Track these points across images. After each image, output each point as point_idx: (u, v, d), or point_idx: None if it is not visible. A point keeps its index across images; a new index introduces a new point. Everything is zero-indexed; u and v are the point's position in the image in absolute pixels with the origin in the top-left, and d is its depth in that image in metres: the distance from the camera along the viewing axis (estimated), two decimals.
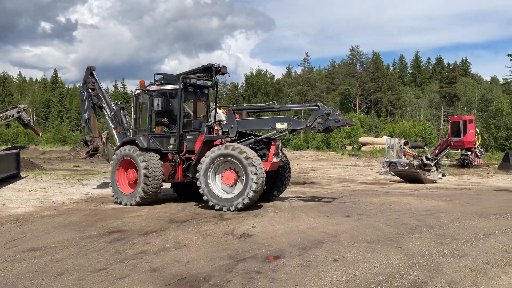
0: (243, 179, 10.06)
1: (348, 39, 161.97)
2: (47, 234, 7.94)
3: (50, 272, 5.69)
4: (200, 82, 11.89)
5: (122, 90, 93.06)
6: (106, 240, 7.47)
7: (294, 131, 12.06)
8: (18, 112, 32.35)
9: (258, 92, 76.98)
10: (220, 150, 10.23)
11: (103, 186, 15.53)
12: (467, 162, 25.62)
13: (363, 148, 50.55)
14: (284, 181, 12.03)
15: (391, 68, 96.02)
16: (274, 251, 6.67)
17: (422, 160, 21.79)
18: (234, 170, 10.31)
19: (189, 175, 11.11)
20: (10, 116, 32.36)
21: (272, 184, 11.81)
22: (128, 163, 11.49)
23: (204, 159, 10.36)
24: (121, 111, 13.81)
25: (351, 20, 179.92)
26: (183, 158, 11.30)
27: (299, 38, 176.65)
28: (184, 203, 11.66)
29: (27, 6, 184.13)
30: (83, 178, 18.16)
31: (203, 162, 10.34)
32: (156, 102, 11.27)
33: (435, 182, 18.56)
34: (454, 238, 7.46)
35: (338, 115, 10.49)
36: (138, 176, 11.09)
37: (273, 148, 10.98)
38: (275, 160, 11.06)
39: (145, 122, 11.95)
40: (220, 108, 13.39)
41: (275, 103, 11.98)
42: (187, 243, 7.17)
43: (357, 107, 77.70)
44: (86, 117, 14.47)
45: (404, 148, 23.23)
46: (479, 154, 25.51)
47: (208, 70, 11.85)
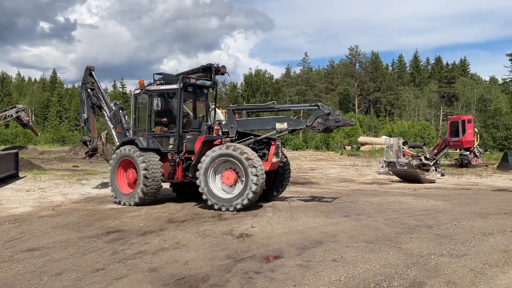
0: (243, 180, 10.04)
1: (347, 39, 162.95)
2: (46, 234, 7.93)
3: (48, 272, 5.68)
4: (200, 82, 11.88)
5: (121, 90, 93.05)
6: (104, 240, 7.46)
7: (293, 131, 12.05)
8: (17, 112, 32.24)
9: (257, 92, 76.96)
10: (221, 149, 10.21)
11: (101, 186, 15.51)
12: (466, 162, 25.65)
13: (362, 148, 50.61)
14: (284, 181, 12.01)
15: (390, 68, 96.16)
16: (272, 251, 6.67)
17: (421, 160, 21.80)
18: (235, 170, 10.30)
19: (188, 175, 11.09)
20: (9, 116, 32.26)
21: (272, 184, 11.80)
22: (128, 163, 11.48)
23: (204, 158, 10.35)
24: (120, 111, 13.79)
25: (350, 20, 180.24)
26: (182, 158, 11.29)
27: (298, 38, 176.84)
28: (183, 203, 11.66)
29: (26, 6, 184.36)
30: (82, 178, 18.14)
31: (204, 161, 10.33)
32: (156, 102, 11.26)
33: (434, 182, 18.57)
34: (452, 238, 7.46)
35: (338, 115, 10.49)
36: (137, 176, 11.07)
37: (273, 148, 10.97)
38: (275, 160, 11.05)
39: (144, 122, 11.94)
40: (219, 108, 13.37)
41: (275, 103, 11.96)
42: (186, 243, 7.16)
43: (356, 107, 77.76)
44: (85, 117, 14.45)
45: (403, 148, 23.25)
46: (478, 154, 25.54)
47: (208, 70, 11.84)
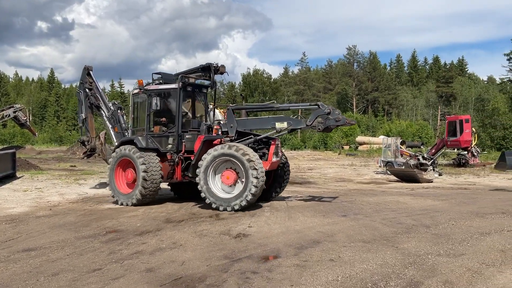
0: (243, 181, 10.02)
1: (345, 39, 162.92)
2: (42, 234, 7.90)
3: (44, 272, 5.66)
4: (198, 82, 11.85)
5: (119, 89, 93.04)
6: (101, 240, 7.44)
7: (293, 131, 12.02)
8: (15, 111, 32.22)
9: (255, 91, 76.92)
10: (223, 149, 10.16)
11: (99, 186, 15.49)
12: (463, 161, 25.70)
13: (360, 147, 50.70)
14: (283, 181, 11.98)
15: (388, 68, 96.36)
16: (270, 251, 6.66)
17: (419, 159, 21.81)
18: (235, 170, 10.26)
19: (188, 174, 11.05)
20: (6, 116, 32.22)
21: (271, 184, 11.75)
22: (127, 163, 11.43)
23: (206, 156, 10.29)
24: (118, 111, 13.76)
25: (348, 20, 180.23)
26: (181, 158, 11.25)
27: (296, 38, 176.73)
28: (181, 203, 11.64)
29: (24, 5, 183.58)
30: (79, 178, 18.11)
31: (205, 160, 10.27)
32: (155, 102, 11.19)
33: (432, 182, 18.59)
34: (450, 237, 7.47)
35: (338, 114, 10.48)
36: (136, 177, 11.03)
37: (272, 147, 10.94)
38: (275, 159, 11.03)
39: (143, 121, 11.89)
40: (217, 107, 13.34)
41: (275, 102, 11.92)
42: (183, 243, 7.15)
43: (354, 107, 77.88)
44: (83, 117, 14.41)
45: (400, 148, 23.27)
46: (476, 154, 25.59)
47: (207, 70, 11.82)
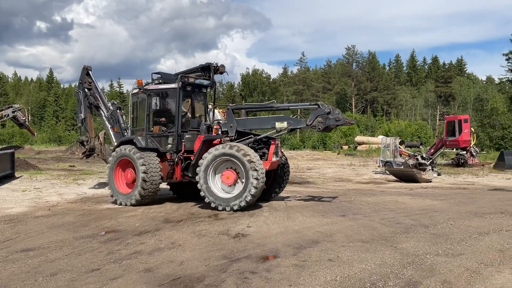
0: (243, 181, 10.00)
1: (344, 39, 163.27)
2: (41, 235, 7.89)
3: (43, 272, 5.65)
4: (198, 81, 11.83)
5: (118, 89, 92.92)
6: (100, 240, 7.43)
7: (293, 130, 12.00)
8: (13, 111, 32.11)
9: (254, 91, 76.86)
10: (224, 149, 10.12)
11: (98, 186, 15.48)
12: (462, 161, 25.71)
13: (359, 147, 50.72)
14: (283, 181, 11.96)
15: (387, 68, 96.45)
16: (268, 251, 6.66)
17: (418, 159, 21.83)
18: (235, 170, 10.24)
19: (188, 174, 11.02)
20: (5, 115, 32.10)
21: (271, 184, 11.72)
22: (126, 163, 11.40)
23: (207, 155, 10.26)
24: (118, 111, 13.73)
25: (347, 20, 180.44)
26: (181, 157, 11.23)
27: (295, 38, 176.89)
28: (179, 203, 11.63)
29: (23, 5, 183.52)
30: (78, 178, 18.10)
31: (205, 158, 10.24)
32: (154, 101, 11.15)
33: (431, 182, 18.61)
34: (448, 237, 7.47)
35: (338, 113, 10.47)
36: (136, 177, 11.00)
37: (272, 147, 10.92)
38: (275, 159, 11.02)
39: (142, 121, 11.86)
40: (216, 107, 13.33)
41: (275, 102, 11.89)
42: (182, 243, 7.14)
43: (353, 107, 77.94)
44: (82, 117, 14.38)
45: (399, 148, 23.28)
46: (474, 154, 25.58)
47: (207, 69, 11.81)
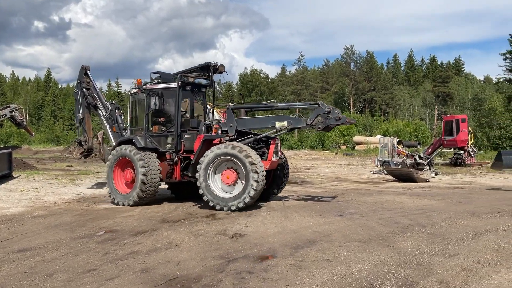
0: (243, 182, 9.99)
1: (342, 39, 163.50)
2: (38, 235, 7.87)
3: (39, 273, 5.64)
4: (197, 81, 11.81)
5: (116, 89, 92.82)
6: (97, 240, 7.41)
7: (293, 130, 11.99)
8: (11, 111, 32.04)
9: (252, 91, 76.93)
10: (226, 148, 10.08)
11: (95, 186, 15.46)
12: (460, 161, 25.73)
13: (357, 147, 50.72)
14: (282, 183, 11.94)
15: (385, 68, 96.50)
16: (266, 251, 6.65)
17: (415, 159, 21.85)
18: (236, 170, 10.23)
19: (187, 174, 10.98)
20: (2, 115, 32.02)
21: (270, 184, 11.68)
22: (125, 163, 11.35)
23: (208, 153, 10.23)
24: (116, 110, 13.69)
25: (346, 20, 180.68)
26: (181, 157, 11.20)
27: (294, 38, 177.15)
28: (177, 203, 11.61)
29: (21, 5, 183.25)
30: (75, 178, 18.06)
31: (206, 157, 10.21)
32: (154, 101, 11.11)
33: (428, 181, 18.63)
34: (445, 237, 7.47)
35: (338, 113, 10.47)
36: (135, 177, 10.95)
37: (272, 147, 10.89)
38: (275, 159, 11.00)
39: (141, 121, 11.82)
40: (214, 107, 13.30)
41: (275, 101, 11.86)
42: (179, 243, 7.13)
43: (351, 107, 77.99)
44: (81, 117, 14.31)
45: (397, 147, 23.30)
46: (472, 153, 25.60)
47: (206, 69, 11.78)
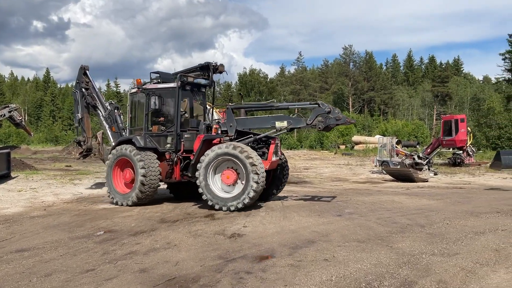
0: (243, 183, 9.97)
1: (341, 39, 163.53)
2: (36, 235, 7.86)
3: (37, 273, 5.63)
4: (197, 81, 11.80)
5: (115, 89, 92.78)
6: (95, 240, 7.40)
7: (293, 130, 11.97)
8: (10, 111, 31.98)
9: (251, 91, 76.90)
10: (227, 148, 10.05)
11: (94, 186, 15.44)
12: (458, 161, 25.75)
13: (356, 147, 50.72)
14: (281, 184, 11.93)
15: (384, 68, 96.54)
16: (264, 251, 6.65)
17: (414, 159, 21.85)
18: (236, 170, 10.21)
19: (187, 174, 10.96)
20: (1, 115, 31.94)
21: (270, 184, 11.65)
22: (125, 163, 11.31)
23: (209, 152, 10.20)
24: (115, 110, 13.66)
25: (345, 20, 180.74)
26: (180, 157, 11.17)
27: (293, 37, 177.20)
28: (176, 203, 11.60)
29: (19, 5, 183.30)
30: (74, 178, 18.04)
31: (207, 156, 10.19)
32: (153, 101, 11.07)
33: (427, 181, 18.63)
34: (444, 237, 7.47)
35: (338, 113, 10.46)
36: (135, 177, 10.92)
37: (272, 146, 10.87)
38: (275, 158, 10.99)
39: (141, 121, 11.79)
40: (214, 107, 13.28)
41: (275, 101, 11.84)
42: (177, 243, 7.13)
43: (350, 106, 78.00)
44: (80, 117, 14.26)
45: (396, 147, 23.31)
46: (471, 153, 25.64)
47: (206, 69, 11.76)
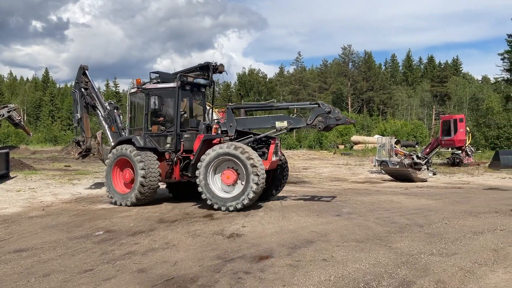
0: (243, 183, 9.97)
1: (340, 39, 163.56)
2: (35, 235, 7.85)
3: (35, 273, 5.62)
4: (197, 81, 11.78)
5: (114, 89, 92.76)
6: (94, 240, 7.40)
7: (293, 130, 11.98)
8: (9, 111, 32.01)
9: (250, 91, 76.92)
10: (229, 148, 10.04)
11: (93, 186, 15.42)
12: (457, 160, 25.77)
13: (355, 147, 50.79)
14: (282, 180, 11.92)
15: (383, 68, 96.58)
16: (263, 251, 6.64)
17: (413, 159, 21.86)
18: (236, 171, 10.20)
19: (187, 174, 10.95)
20: (0, 115, 32.01)
21: (271, 183, 11.65)
22: (124, 163, 11.29)
23: (210, 152, 10.19)
24: (115, 110, 13.64)
25: (344, 20, 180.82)
26: (180, 157, 11.16)
27: (292, 37, 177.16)
28: (175, 203, 11.59)
29: (18, 5, 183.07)
30: (73, 178, 18.02)
31: (208, 155, 10.17)
32: (153, 101, 11.04)
33: (426, 181, 18.65)
34: (443, 236, 7.48)
35: (338, 113, 10.46)
36: (134, 177, 10.90)
37: (272, 146, 10.86)
38: (275, 158, 10.99)
39: (140, 121, 11.78)
40: (213, 107, 13.27)
41: (275, 101, 11.83)
42: (176, 243, 7.12)
43: (349, 106, 78.03)
44: (79, 117, 14.23)
45: (395, 147, 23.31)
46: (470, 153, 25.66)
47: (205, 69, 11.74)
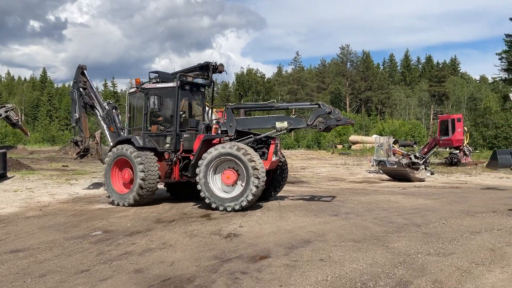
0: (243, 185, 9.96)
1: (338, 38, 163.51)
2: (31, 235, 7.83)
3: (32, 274, 5.60)
4: (196, 80, 11.77)
5: (112, 89, 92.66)
6: (90, 241, 7.37)
7: (293, 130, 11.97)
8: (6, 111, 31.96)
9: (249, 91, 76.94)
10: (231, 149, 10.01)
11: (91, 186, 15.39)
12: (455, 160, 25.80)
13: (353, 146, 50.86)
14: (282, 180, 11.92)
15: (381, 67, 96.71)
16: (260, 251, 6.63)
17: (411, 158, 21.89)
18: (237, 171, 10.18)
19: (186, 174, 10.93)
20: None
21: (270, 184, 11.62)
22: (124, 163, 11.26)
23: (212, 151, 10.17)
24: (113, 110, 13.61)
25: (342, 19, 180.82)
26: (179, 157, 11.15)
27: (290, 37, 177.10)
28: (173, 203, 11.57)
29: (16, 4, 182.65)
30: (70, 178, 17.99)
31: (209, 154, 10.15)
32: (152, 101, 10.98)
33: (424, 181, 18.67)
34: (440, 236, 7.48)
35: (339, 113, 10.47)
36: (134, 177, 10.87)
37: (272, 147, 10.87)
38: (274, 159, 10.99)
39: (140, 121, 11.75)
40: (212, 107, 13.24)
41: (275, 101, 11.81)
42: (173, 244, 7.10)
43: (347, 106, 78.13)
44: (77, 116, 14.19)
45: (393, 147, 23.35)
46: (468, 153, 25.68)
47: (205, 68, 11.72)
